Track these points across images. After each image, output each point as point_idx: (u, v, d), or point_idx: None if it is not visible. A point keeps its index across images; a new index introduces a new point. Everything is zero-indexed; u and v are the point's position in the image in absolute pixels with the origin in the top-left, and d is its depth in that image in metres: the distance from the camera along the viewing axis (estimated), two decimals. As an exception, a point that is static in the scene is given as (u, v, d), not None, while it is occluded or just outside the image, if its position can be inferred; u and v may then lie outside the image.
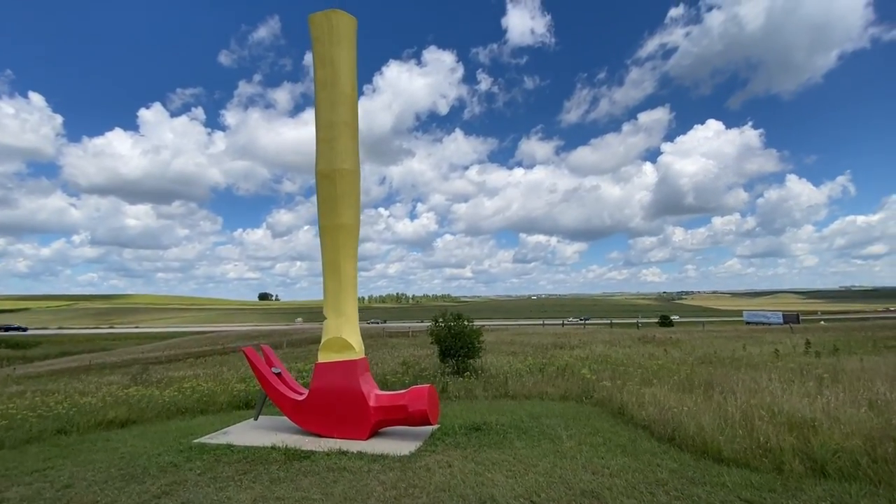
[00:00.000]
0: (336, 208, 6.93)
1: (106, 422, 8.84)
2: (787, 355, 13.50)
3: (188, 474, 5.31)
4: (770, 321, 68.93)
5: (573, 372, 11.26)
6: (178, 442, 6.85)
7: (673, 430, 5.57)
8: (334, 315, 6.92)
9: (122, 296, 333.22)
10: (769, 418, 5.13)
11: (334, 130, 7.02)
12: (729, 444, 4.75)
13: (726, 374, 9.17)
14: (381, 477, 4.86)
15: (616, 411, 7.28)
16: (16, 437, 7.64)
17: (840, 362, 11.07)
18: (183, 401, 10.26)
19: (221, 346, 33.44)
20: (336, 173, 6.95)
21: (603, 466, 4.73)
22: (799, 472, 4.21)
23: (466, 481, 4.55)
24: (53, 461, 6.25)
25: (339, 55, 7.09)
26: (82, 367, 26.49)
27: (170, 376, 15.99)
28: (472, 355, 12.60)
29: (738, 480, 4.14)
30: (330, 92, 7.06)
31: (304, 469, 5.28)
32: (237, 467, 5.49)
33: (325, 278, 7.06)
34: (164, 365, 23.91)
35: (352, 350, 6.78)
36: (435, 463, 5.20)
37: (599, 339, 26.10)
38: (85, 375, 21.14)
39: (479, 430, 6.51)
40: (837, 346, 14.88)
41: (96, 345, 57.39)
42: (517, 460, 5.14)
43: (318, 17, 7.16)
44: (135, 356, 31.91)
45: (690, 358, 13.89)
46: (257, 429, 7.24)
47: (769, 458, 4.43)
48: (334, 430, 6.57)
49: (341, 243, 6.96)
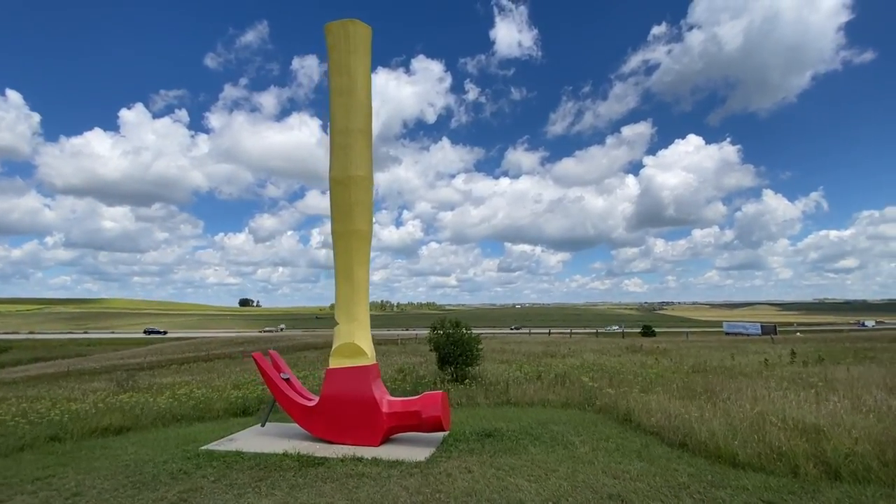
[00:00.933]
0: (350, 214, 6.96)
1: (100, 429, 8.62)
2: (774, 365, 13.89)
3: (202, 481, 5.22)
4: (749, 332, 70.77)
5: (572, 380, 11.39)
6: (182, 449, 6.70)
7: (684, 436, 5.71)
8: (346, 320, 6.91)
9: (97, 300, 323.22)
10: (780, 424, 5.32)
11: (349, 137, 7.07)
12: (743, 449, 4.91)
13: (723, 383, 9.42)
14: (402, 482, 4.86)
15: (622, 418, 7.41)
16: (8, 445, 7.39)
17: (828, 371, 11.45)
18: (178, 408, 10.05)
19: (206, 352, 32.70)
20: (350, 180, 6.99)
21: (622, 471, 4.83)
22: (814, 476, 4.38)
23: (490, 486, 4.60)
24: (54, 469, 6.06)
25: (355, 64, 7.16)
26: (60, 373, 25.63)
27: (158, 382, 15.62)
28: (471, 363, 12.65)
29: (756, 484, 4.29)
30: (346, 99, 7.12)
31: (321, 475, 5.24)
32: (251, 474, 5.41)
33: (337, 284, 7.05)
34: (147, 371, 23.31)
35: (364, 356, 6.78)
36: (454, 468, 5.22)
37: (588, 348, 26.40)
38: (65, 381, 20.48)
39: (491, 436, 6.55)
40: (822, 356, 15.36)
41: (70, 350, 55.51)
42: (536, 465, 5.20)
43: (334, 26, 7.23)
44: (114, 362, 30.98)
45: (684, 367, 14.18)
46: (264, 435, 7.14)
47: (783, 463, 4.60)
48: (346, 437, 6.53)
49: (355, 249, 6.98)
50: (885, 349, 19.78)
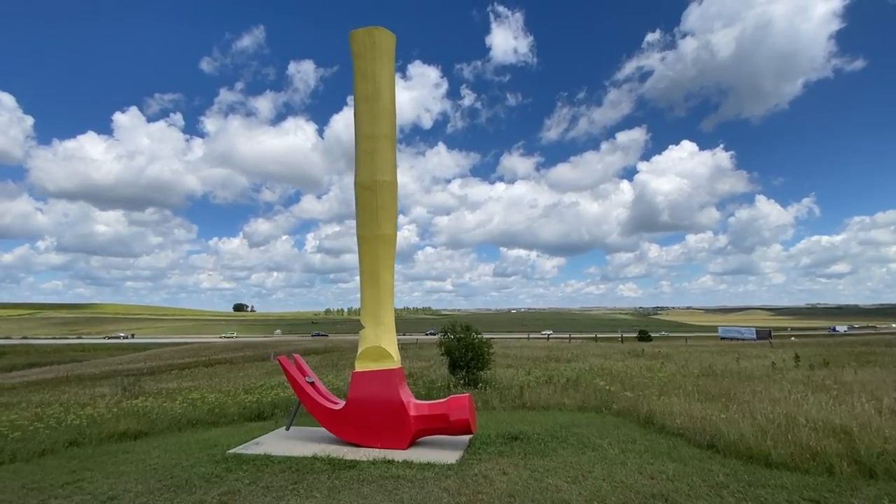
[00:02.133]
0: (377, 219, 7.03)
1: (118, 433, 8.60)
2: (781, 369, 14.05)
3: (237, 484, 5.23)
4: (744, 336, 71.36)
5: (584, 384, 11.47)
6: (206, 453, 6.71)
7: (711, 437, 5.81)
8: (373, 324, 6.95)
9: (89, 305, 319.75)
10: (808, 425, 5.42)
11: (376, 143, 7.15)
12: (775, 449, 5.01)
13: (737, 386, 9.53)
14: (441, 484, 4.91)
15: (643, 420, 7.49)
16: (28, 450, 7.37)
17: (835, 375, 11.61)
18: (193, 412, 10.03)
19: (207, 357, 32.48)
20: (377, 185, 7.06)
21: (657, 472, 4.91)
22: (849, 475, 4.49)
23: (530, 487, 4.65)
24: (81, 473, 6.05)
25: (380, 71, 7.26)
26: (60, 378, 25.37)
27: (165, 388, 15.53)
28: (483, 367, 12.70)
29: (794, 482, 4.39)
30: (371, 105, 7.21)
31: (356, 478, 5.27)
32: (285, 477, 5.43)
33: (363, 287, 7.11)
34: (150, 376, 23.12)
35: (391, 359, 6.82)
36: (489, 471, 5.26)
37: (591, 353, 26.50)
38: (67, 387, 20.28)
39: (517, 439, 6.61)
40: (826, 360, 15.55)
41: (65, 356, 54.83)
42: (569, 467, 5.26)
43: (360, 34, 7.33)
44: (113, 367, 30.71)
45: (692, 370, 14.30)
46: (290, 439, 7.15)
47: (817, 462, 4.71)
48: (373, 440, 6.56)
49: (381, 253, 7.04)
50: (884, 353, 20.04)
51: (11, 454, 7.23)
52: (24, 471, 6.35)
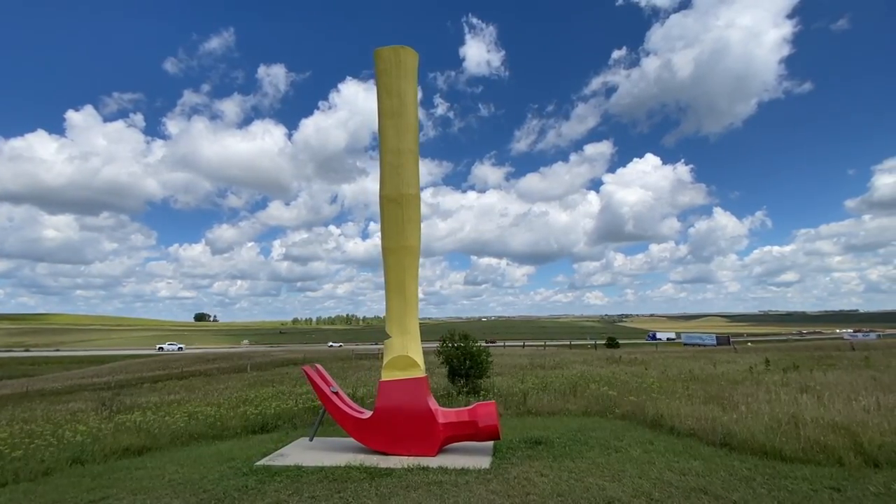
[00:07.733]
0: (402, 231, 7.23)
1: (121, 449, 8.31)
2: (758, 372, 14.99)
3: (279, 496, 5.23)
4: (705, 342, 75.12)
5: (582, 389, 11.90)
6: (227, 466, 6.62)
7: (724, 436, 6.28)
8: (399, 333, 7.11)
9: (35, 315, 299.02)
10: (812, 422, 5.98)
11: (401, 157, 7.38)
12: (787, 445, 5.51)
13: (726, 389, 10.19)
14: (486, 487, 5.11)
15: (651, 423, 7.93)
16: (31, 469, 7.06)
17: (807, 377, 12.54)
18: (195, 426, 9.79)
19: (179, 369, 31.18)
20: (403, 198, 7.27)
21: (686, 469, 5.30)
22: (856, 465, 5.03)
23: (574, 487, 4.93)
24: (101, 490, 5.89)
25: (405, 87, 7.52)
26: (18, 394, 23.74)
27: (150, 402, 14.91)
28: (482, 375, 12.96)
29: (812, 473, 4.87)
30: (397, 121, 7.44)
31: (399, 484, 5.38)
32: (325, 486, 5.48)
33: (388, 297, 7.26)
34: (123, 390, 22.03)
35: (417, 368, 6.99)
36: (528, 473, 5.50)
37: (571, 360, 27.23)
38: (31, 403, 19.05)
39: (541, 443, 6.88)
40: (796, 363, 16.69)
41: (14, 370, 51.11)
42: (602, 467, 5.58)
43: (385, 52, 7.57)
44: (75, 381, 28.98)
45: (677, 375, 15.04)
46: (314, 449, 7.16)
47: (826, 455, 5.23)
48: (403, 448, 6.68)
49: (407, 264, 7.23)
50: (840, 357, 21.63)
51: (14, 473, 6.91)
52: (35, 491, 6.09)
